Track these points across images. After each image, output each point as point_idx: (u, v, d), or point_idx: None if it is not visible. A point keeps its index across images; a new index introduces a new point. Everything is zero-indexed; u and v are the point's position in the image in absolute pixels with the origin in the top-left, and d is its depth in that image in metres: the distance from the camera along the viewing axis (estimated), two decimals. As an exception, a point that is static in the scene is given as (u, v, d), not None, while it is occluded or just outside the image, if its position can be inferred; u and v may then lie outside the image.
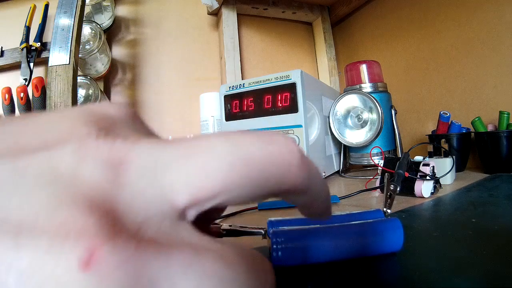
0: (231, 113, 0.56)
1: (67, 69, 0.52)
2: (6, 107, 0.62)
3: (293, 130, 0.49)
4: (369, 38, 0.85)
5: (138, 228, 0.08)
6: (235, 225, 0.21)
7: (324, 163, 0.57)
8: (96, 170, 0.08)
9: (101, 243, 0.07)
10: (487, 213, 0.28)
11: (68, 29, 0.54)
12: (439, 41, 0.66)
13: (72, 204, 0.07)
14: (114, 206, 0.08)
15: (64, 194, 0.07)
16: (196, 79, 0.82)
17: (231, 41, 0.78)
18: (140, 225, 0.08)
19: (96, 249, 0.07)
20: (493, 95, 0.57)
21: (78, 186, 0.08)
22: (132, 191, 0.08)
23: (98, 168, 0.08)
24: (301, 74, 0.48)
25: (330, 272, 0.18)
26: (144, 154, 0.08)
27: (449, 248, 0.20)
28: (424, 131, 0.69)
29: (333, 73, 0.92)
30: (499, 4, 0.55)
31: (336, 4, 0.90)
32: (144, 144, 0.09)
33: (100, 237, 0.07)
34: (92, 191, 0.08)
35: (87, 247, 0.07)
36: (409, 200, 0.36)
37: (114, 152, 0.08)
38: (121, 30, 0.78)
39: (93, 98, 0.64)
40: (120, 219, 0.08)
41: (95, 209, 0.07)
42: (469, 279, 0.16)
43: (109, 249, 0.07)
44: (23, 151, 0.08)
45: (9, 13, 0.70)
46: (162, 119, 0.78)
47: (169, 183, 0.08)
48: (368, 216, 0.23)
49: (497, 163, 0.49)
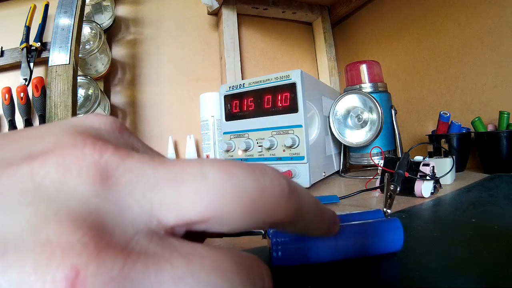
0: (231, 113, 0.56)
1: (67, 69, 0.52)
2: (6, 107, 0.62)
3: (293, 130, 0.49)
4: (369, 38, 0.85)
5: (127, 242, 0.08)
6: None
7: (324, 163, 0.57)
8: (82, 183, 0.08)
9: (86, 261, 0.07)
10: (487, 213, 0.28)
11: (68, 29, 0.54)
12: (439, 41, 0.66)
13: (56, 221, 0.07)
14: (101, 220, 0.08)
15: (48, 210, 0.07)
16: (196, 79, 0.82)
17: (231, 41, 0.78)
18: (129, 240, 0.08)
19: (81, 268, 0.06)
20: (493, 95, 0.57)
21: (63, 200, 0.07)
22: (120, 206, 0.08)
23: (85, 181, 0.08)
24: (301, 74, 0.48)
25: (330, 272, 0.18)
26: (134, 170, 0.08)
27: (449, 248, 0.20)
28: (424, 131, 0.69)
29: (333, 73, 0.92)
30: (499, 4, 0.55)
31: (336, 4, 0.90)
32: (135, 160, 0.09)
33: (86, 254, 0.07)
34: (78, 204, 0.07)
35: (72, 266, 0.06)
36: (409, 200, 0.36)
37: (102, 164, 0.08)
38: (121, 30, 0.78)
39: (93, 98, 0.64)
40: (108, 234, 0.07)
41: (81, 223, 0.07)
42: (469, 279, 0.16)
43: (95, 267, 0.07)
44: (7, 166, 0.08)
45: (9, 13, 0.70)
46: (162, 119, 0.78)
47: (158, 202, 0.08)
48: (368, 216, 0.23)
49: (497, 163, 0.49)
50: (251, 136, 0.53)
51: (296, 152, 0.49)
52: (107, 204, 0.08)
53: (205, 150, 0.72)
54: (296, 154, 0.49)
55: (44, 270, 0.06)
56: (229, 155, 0.56)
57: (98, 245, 0.07)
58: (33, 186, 0.07)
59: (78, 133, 0.09)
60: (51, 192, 0.07)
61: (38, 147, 0.08)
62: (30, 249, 0.07)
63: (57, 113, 0.51)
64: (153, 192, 0.08)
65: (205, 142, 0.72)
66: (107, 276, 0.07)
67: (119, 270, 0.07)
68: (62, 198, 0.07)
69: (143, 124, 0.77)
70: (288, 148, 0.49)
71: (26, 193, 0.07)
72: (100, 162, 0.08)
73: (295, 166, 0.49)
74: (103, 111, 0.68)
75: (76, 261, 0.06)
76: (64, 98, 0.52)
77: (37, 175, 0.08)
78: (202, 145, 0.73)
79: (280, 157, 0.50)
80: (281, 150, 0.50)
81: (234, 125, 0.55)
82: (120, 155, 0.09)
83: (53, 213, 0.07)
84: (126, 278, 0.07)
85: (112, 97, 0.75)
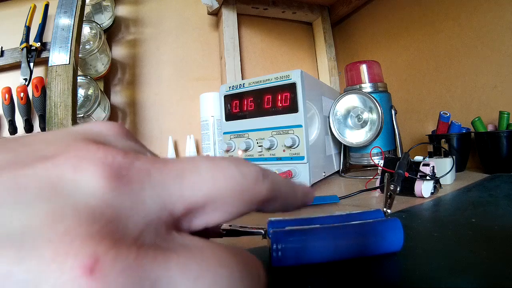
0: (231, 113, 0.56)
1: (67, 69, 0.52)
2: (6, 107, 0.62)
3: (293, 130, 0.49)
4: (369, 38, 0.85)
5: (139, 234, 0.08)
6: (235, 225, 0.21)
7: (324, 163, 0.57)
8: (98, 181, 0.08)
9: (105, 250, 0.07)
10: (487, 213, 0.28)
11: (68, 29, 0.54)
12: (439, 41, 0.66)
13: (75, 213, 0.07)
14: (117, 214, 0.08)
15: (67, 204, 0.08)
16: (196, 79, 0.82)
17: (231, 41, 0.78)
18: (141, 232, 0.08)
19: (100, 255, 0.07)
20: (493, 95, 0.57)
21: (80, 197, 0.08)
22: (134, 200, 0.09)
23: (100, 179, 0.08)
24: (301, 74, 0.48)
25: (330, 272, 0.18)
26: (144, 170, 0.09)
27: (449, 248, 0.20)
28: (424, 131, 0.69)
29: (333, 73, 0.92)
30: (499, 4, 0.55)
31: (336, 4, 0.90)
32: (143, 161, 0.10)
33: (104, 244, 0.07)
34: (95, 200, 0.08)
35: (92, 254, 0.07)
36: (409, 200, 0.36)
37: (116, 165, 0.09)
38: (121, 30, 0.78)
39: (93, 98, 0.64)
40: (122, 226, 0.08)
41: (98, 217, 0.08)
42: (469, 279, 0.16)
43: (113, 255, 0.07)
44: (23, 166, 0.08)
45: (9, 13, 0.70)
46: (162, 119, 0.78)
47: (168, 195, 0.09)
48: (368, 216, 0.23)
49: (497, 163, 0.49)
50: (251, 136, 0.53)
51: (296, 152, 0.49)
52: (122, 199, 0.08)
53: (205, 150, 0.72)
54: (296, 154, 0.49)
55: (64, 258, 0.07)
56: (229, 156, 0.56)
57: (115, 236, 0.07)
58: (50, 183, 0.08)
59: (89, 139, 0.10)
60: (68, 189, 0.08)
61: (50, 150, 0.09)
62: (49, 239, 0.07)
63: (57, 113, 0.51)
64: (162, 188, 0.09)
65: (205, 142, 0.72)
66: (124, 264, 0.07)
67: (134, 259, 0.07)
68: (79, 195, 0.08)
69: (143, 124, 0.77)
70: (288, 148, 0.49)
71: (43, 190, 0.08)
72: (114, 163, 0.09)
73: (295, 166, 0.49)
74: (103, 111, 0.68)
75: (96, 249, 0.07)
76: (64, 98, 0.52)
77: (53, 174, 0.08)
78: (202, 145, 0.73)
79: (280, 157, 0.50)
80: (281, 150, 0.50)
81: (234, 125, 0.55)
82: (130, 157, 0.09)
83: (71, 208, 0.07)
84: (140, 265, 0.07)
85: (112, 97, 0.75)
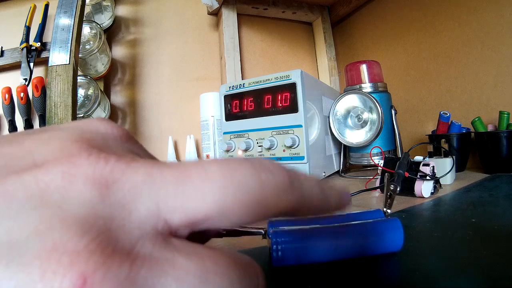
0: (231, 113, 0.56)
1: (67, 69, 0.52)
2: (6, 107, 0.62)
3: (293, 130, 0.49)
4: (369, 38, 0.85)
5: (132, 246, 0.08)
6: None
7: (324, 163, 0.57)
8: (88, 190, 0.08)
9: (94, 268, 0.07)
10: (487, 213, 0.28)
11: (68, 29, 0.54)
12: (439, 41, 0.66)
13: (63, 225, 0.07)
14: (108, 225, 0.08)
15: (54, 215, 0.07)
16: (196, 79, 0.82)
17: (231, 41, 0.78)
18: (135, 243, 0.08)
19: (88, 275, 0.06)
20: (493, 95, 0.57)
21: (69, 207, 0.07)
22: (126, 209, 0.08)
23: (90, 187, 0.08)
24: (301, 74, 0.48)
25: (330, 272, 0.18)
26: (139, 173, 0.08)
27: (449, 248, 0.20)
28: (424, 131, 0.69)
29: (333, 73, 0.92)
30: (499, 4, 0.55)
31: (336, 4, 0.90)
32: (140, 164, 0.09)
33: (93, 261, 0.07)
34: (85, 210, 0.07)
35: (80, 274, 0.06)
36: (409, 200, 0.36)
37: (108, 171, 0.08)
38: (121, 30, 0.78)
39: (93, 98, 0.64)
40: (114, 238, 0.07)
41: (88, 229, 0.07)
42: (469, 279, 0.16)
43: (102, 274, 0.07)
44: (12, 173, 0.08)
45: (9, 13, 0.70)
46: (162, 119, 0.78)
47: (164, 203, 0.08)
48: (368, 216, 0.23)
49: (497, 163, 0.49)
50: (251, 136, 0.53)
51: (296, 152, 0.49)
52: (113, 208, 0.08)
53: (205, 150, 0.72)
54: (296, 154, 0.49)
55: (51, 277, 0.06)
56: (229, 155, 0.56)
57: (104, 252, 0.07)
58: (38, 192, 0.07)
59: (83, 140, 0.09)
60: (57, 198, 0.07)
61: (42, 153, 0.08)
62: (36, 256, 0.06)
63: (57, 113, 0.51)
64: (159, 194, 0.08)
65: (205, 142, 0.72)
66: (114, 282, 0.07)
67: (126, 276, 0.07)
68: (68, 204, 0.07)
69: (143, 124, 0.77)
70: (288, 148, 0.49)
71: (31, 199, 0.07)
72: (105, 169, 0.08)
73: (295, 166, 0.49)
74: (103, 111, 0.68)
75: (84, 268, 0.06)
76: (64, 98, 0.52)
77: (41, 182, 0.08)
78: (202, 145, 0.73)
79: (280, 157, 0.50)
80: (281, 150, 0.50)
81: (234, 125, 0.55)
82: (125, 160, 0.09)
83: (59, 218, 0.07)
84: (133, 282, 0.07)
85: (112, 97, 0.75)
